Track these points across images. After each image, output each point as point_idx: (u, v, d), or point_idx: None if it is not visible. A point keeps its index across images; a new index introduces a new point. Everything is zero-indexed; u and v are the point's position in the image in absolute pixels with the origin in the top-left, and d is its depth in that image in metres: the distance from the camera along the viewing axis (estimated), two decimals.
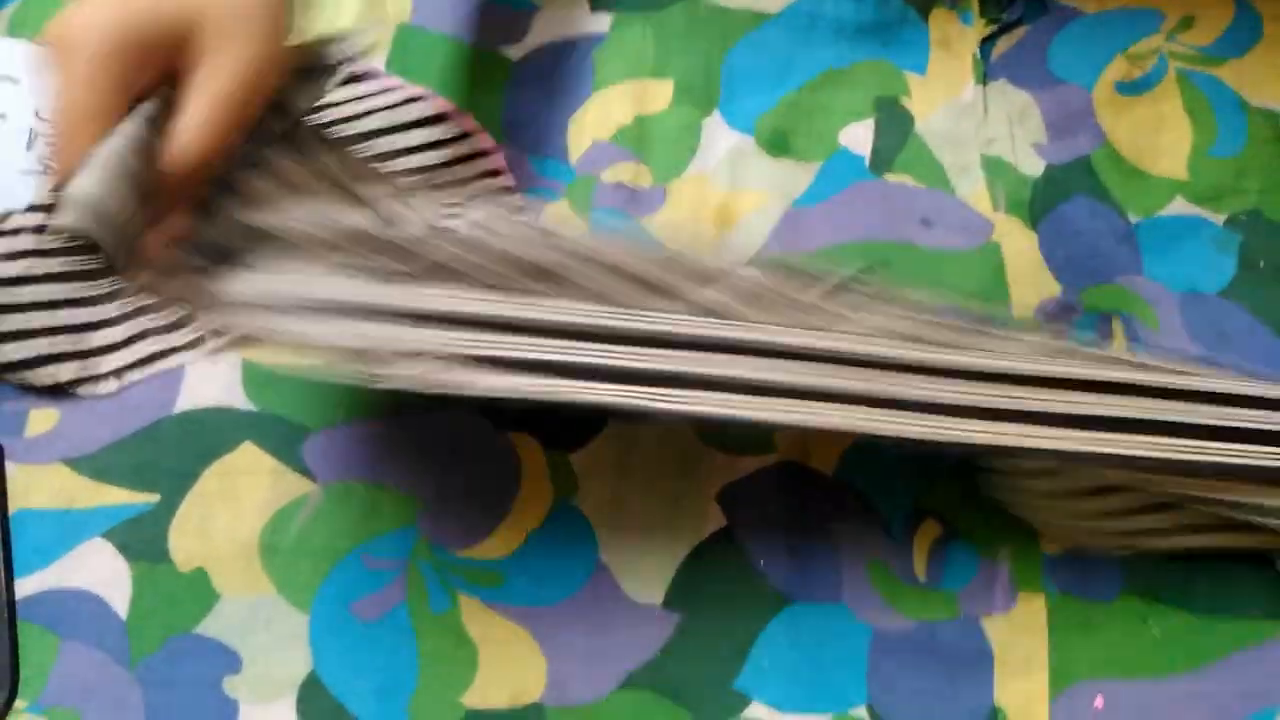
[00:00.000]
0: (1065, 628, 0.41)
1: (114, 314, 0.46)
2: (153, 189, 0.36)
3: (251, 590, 0.42)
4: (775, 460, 0.44)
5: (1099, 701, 0.40)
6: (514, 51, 0.52)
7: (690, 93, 0.51)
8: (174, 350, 0.46)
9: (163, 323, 0.46)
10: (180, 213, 0.37)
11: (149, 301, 0.46)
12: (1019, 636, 0.41)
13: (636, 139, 0.50)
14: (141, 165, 0.35)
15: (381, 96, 0.51)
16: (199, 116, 0.35)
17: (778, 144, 0.50)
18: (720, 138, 0.50)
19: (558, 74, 0.52)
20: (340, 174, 0.39)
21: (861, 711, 0.40)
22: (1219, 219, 0.48)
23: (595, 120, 0.51)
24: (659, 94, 0.52)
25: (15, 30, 0.53)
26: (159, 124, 0.36)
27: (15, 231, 0.46)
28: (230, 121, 0.36)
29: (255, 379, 0.46)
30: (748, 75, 0.52)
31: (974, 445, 0.37)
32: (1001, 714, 0.40)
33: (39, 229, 0.46)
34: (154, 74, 0.36)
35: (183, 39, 0.35)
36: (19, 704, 0.41)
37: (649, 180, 0.50)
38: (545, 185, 0.49)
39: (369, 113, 0.50)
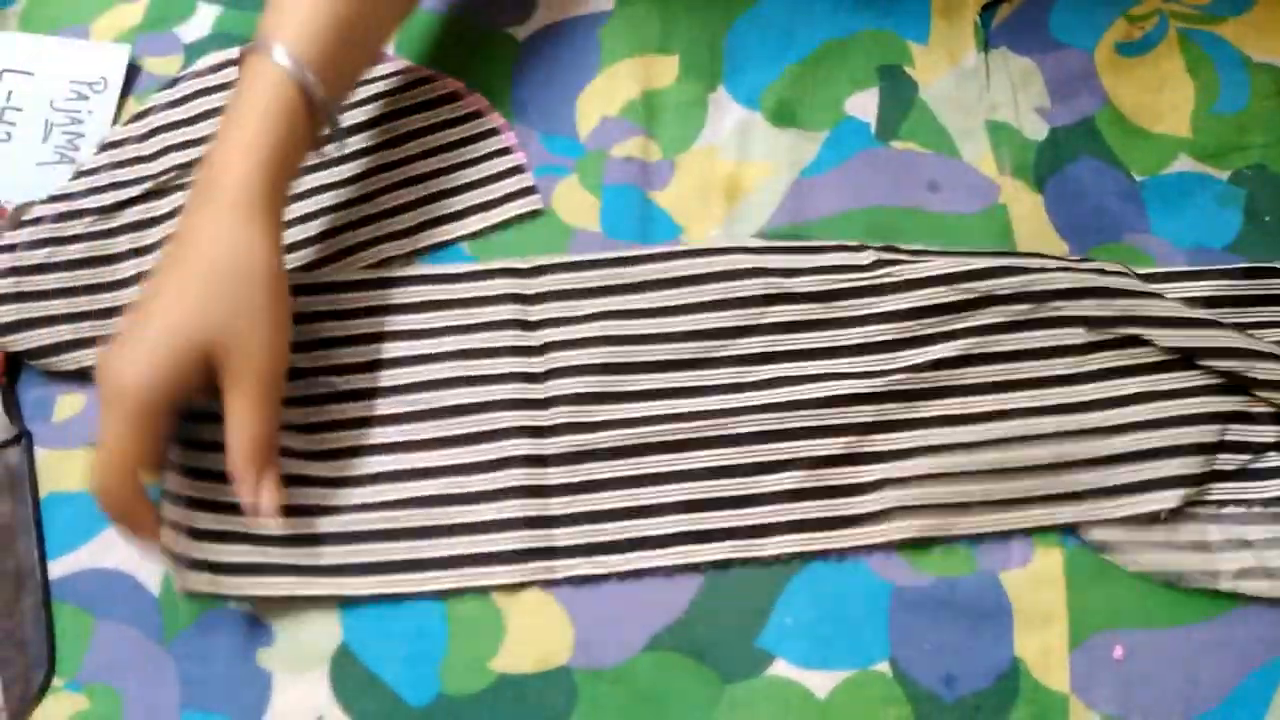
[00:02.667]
0: (1082, 579, 0.42)
1: (135, 298, 0.47)
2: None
3: None
4: None
5: (1118, 652, 0.41)
6: (520, 31, 0.53)
7: (695, 68, 0.52)
8: None
9: None
10: None
11: None
12: (1037, 589, 0.42)
13: (644, 114, 0.51)
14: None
15: (391, 79, 0.51)
16: (244, 418, 0.39)
17: (783, 115, 0.51)
18: (727, 111, 0.51)
19: (564, 52, 0.52)
20: None
21: (884, 667, 0.41)
22: (1223, 175, 0.49)
23: (603, 97, 0.51)
24: (665, 70, 0.52)
25: (27, 25, 0.54)
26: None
27: (36, 220, 0.47)
28: (269, 414, 0.40)
29: None
30: (751, 49, 0.53)
31: None
32: (1021, 666, 0.41)
33: (59, 217, 0.47)
34: (186, 391, 0.39)
35: (214, 361, 0.39)
36: (57, 682, 0.41)
37: (658, 154, 0.50)
38: (555, 162, 0.50)
39: (378, 96, 0.51)
